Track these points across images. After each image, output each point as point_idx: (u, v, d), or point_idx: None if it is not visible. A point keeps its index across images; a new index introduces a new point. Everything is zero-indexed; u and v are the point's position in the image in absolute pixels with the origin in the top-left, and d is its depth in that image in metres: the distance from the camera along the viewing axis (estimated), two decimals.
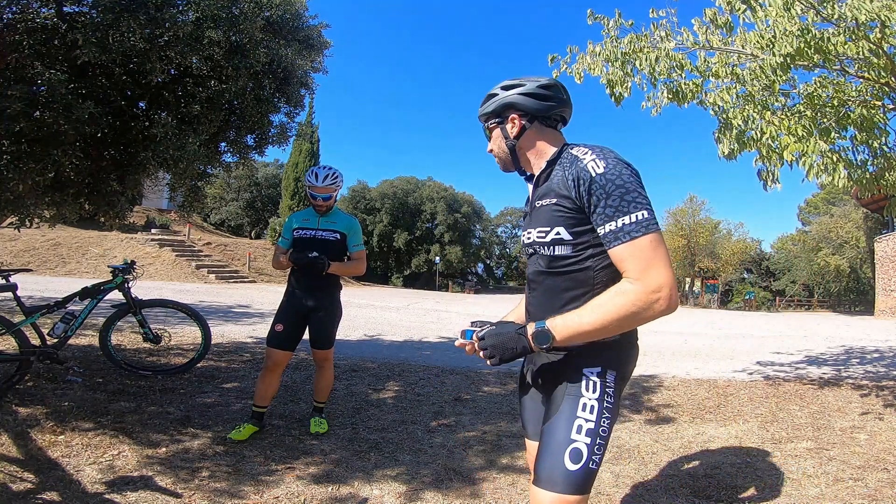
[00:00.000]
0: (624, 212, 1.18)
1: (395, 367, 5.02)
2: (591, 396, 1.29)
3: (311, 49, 4.24)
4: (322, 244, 3.08)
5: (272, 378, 3.03)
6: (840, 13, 3.20)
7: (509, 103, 1.43)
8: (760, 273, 42.06)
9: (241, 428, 2.94)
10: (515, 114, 1.42)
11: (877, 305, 19.60)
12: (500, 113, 1.44)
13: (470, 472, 2.66)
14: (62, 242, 17.68)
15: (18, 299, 3.50)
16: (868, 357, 7.04)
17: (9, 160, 2.94)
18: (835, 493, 2.52)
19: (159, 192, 13.99)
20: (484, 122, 1.50)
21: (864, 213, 27.15)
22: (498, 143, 1.47)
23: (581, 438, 1.24)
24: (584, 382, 1.30)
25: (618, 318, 1.17)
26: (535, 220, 1.38)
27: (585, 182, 1.22)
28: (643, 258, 1.16)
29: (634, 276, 1.16)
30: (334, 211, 3.20)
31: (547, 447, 1.27)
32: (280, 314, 3.05)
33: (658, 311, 1.16)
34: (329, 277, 3.09)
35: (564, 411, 1.29)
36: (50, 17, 3.12)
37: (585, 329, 1.19)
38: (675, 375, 5.27)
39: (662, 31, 3.84)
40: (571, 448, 1.23)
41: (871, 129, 3.60)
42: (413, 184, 37.34)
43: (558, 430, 1.27)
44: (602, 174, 1.21)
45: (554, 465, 1.24)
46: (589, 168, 1.22)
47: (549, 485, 1.23)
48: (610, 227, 1.19)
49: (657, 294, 1.15)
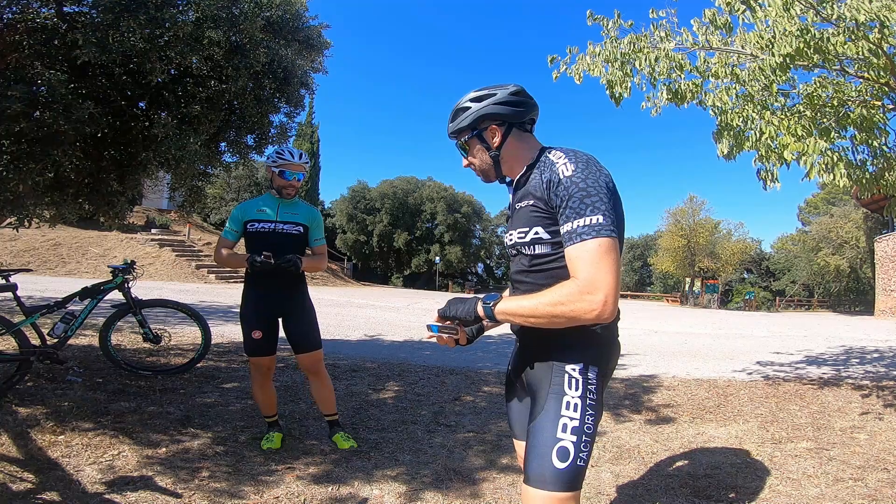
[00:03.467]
0: (580, 214, 1.21)
1: (395, 367, 5.02)
2: (573, 394, 1.31)
3: (312, 49, 4.24)
4: (283, 239, 2.73)
5: (267, 385, 2.87)
6: (839, 13, 3.20)
7: (486, 114, 1.43)
8: (760, 273, 42.06)
9: (270, 437, 2.84)
10: (493, 123, 1.44)
11: (877, 305, 19.60)
12: (476, 125, 1.44)
13: (470, 472, 2.66)
14: (62, 242, 17.68)
15: (18, 299, 3.50)
16: (868, 357, 7.04)
17: (9, 160, 2.94)
18: (835, 493, 2.52)
19: (159, 192, 14.00)
20: (457, 137, 1.50)
21: (864, 213, 27.13)
22: (479, 156, 1.48)
23: (567, 437, 1.26)
24: (567, 380, 1.33)
25: (551, 308, 1.20)
26: (515, 221, 1.42)
27: (555, 184, 1.27)
28: (588, 260, 1.18)
29: (577, 276, 1.20)
30: (295, 200, 2.84)
31: (534, 447, 1.29)
32: (251, 320, 2.72)
33: (590, 312, 1.17)
34: (297, 276, 2.80)
35: (549, 410, 1.31)
36: (50, 17, 3.12)
37: (520, 311, 1.26)
38: (675, 375, 5.27)
39: (662, 31, 3.84)
40: (558, 447, 1.26)
41: (870, 129, 3.60)
42: (413, 184, 37.33)
43: (544, 430, 1.29)
44: (569, 177, 1.26)
45: (542, 464, 1.25)
46: (559, 171, 1.28)
47: (539, 483, 1.25)
48: (567, 227, 1.24)
49: (592, 296, 1.16)
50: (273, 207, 2.76)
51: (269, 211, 2.75)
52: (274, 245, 2.70)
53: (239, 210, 2.81)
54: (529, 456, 1.30)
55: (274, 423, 2.95)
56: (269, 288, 2.74)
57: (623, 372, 5.31)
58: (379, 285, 29.64)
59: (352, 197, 36.17)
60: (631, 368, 5.55)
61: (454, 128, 1.48)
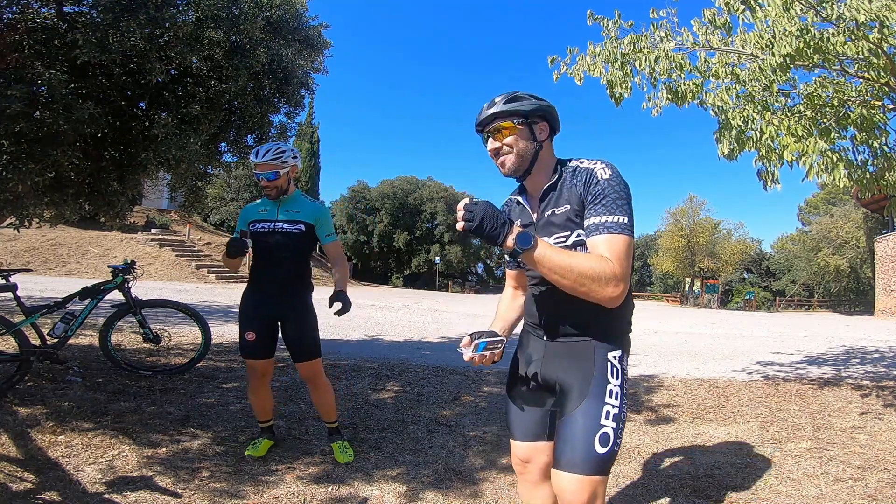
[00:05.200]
0: (612, 212, 1.35)
1: (395, 367, 5.02)
2: (615, 383, 1.42)
3: (311, 49, 4.24)
4: (284, 238, 2.63)
5: (262, 389, 2.74)
6: (839, 13, 3.20)
7: (545, 111, 1.51)
8: (760, 273, 42.05)
9: (256, 443, 2.74)
10: (544, 123, 1.53)
11: (877, 305, 19.60)
12: (529, 115, 1.49)
13: (470, 472, 2.66)
14: (62, 242, 17.67)
15: (18, 299, 3.50)
16: (868, 357, 7.04)
17: (9, 160, 2.94)
18: (835, 493, 2.52)
19: (159, 192, 13.99)
20: (506, 118, 1.48)
21: (864, 213, 27.13)
22: (523, 143, 1.49)
23: (609, 423, 1.36)
24: (609, 368, 1.43)
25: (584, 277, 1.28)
26: (550, 226, 1.48)
27: (593, 184, 1.40)
28: (619, 253, 1.32)
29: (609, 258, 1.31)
30: (296, 197, 2.71)
31: (575, 434, 1.36)
32: (245, 321, 2.64)
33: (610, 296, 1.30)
34: (298, 279, 2.71)
35: (594, 397, 1.39)
36: (50, 17, 3.13)
37: (555, 260, 1.29)
38: (675, 375, 5.27)
39: (662, 31, 3.84)
40: (601, 433, 1.34)
41: (871, 129, 3.59)
42: (413, 184, 37.32)
43: (588, 416, 1.37)
44: (607, 179, 1.39)
45: (584, 449, 1.33)
46: (598, 173, 1.41)
47: (579, 468, 1.33)
48: (596, 220, 1.36)
49: (618, 285, 1.30)
50: (273, 207, 2.68)
51: (269, 210, 2.67)
52: (275, 244, 2.63)
53: (243, 212, 2.75)
54: (569, 443, 1.36)
55: (267, 428, 2.83)
56: (268, 289, 2.66)
57: None
58: (379, 285, 29.64)
59: (352, 197, 36.16)
60: (631, 368, 5.54)
61: (510, 108, 1.48)
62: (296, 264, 2.71)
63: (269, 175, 2.56)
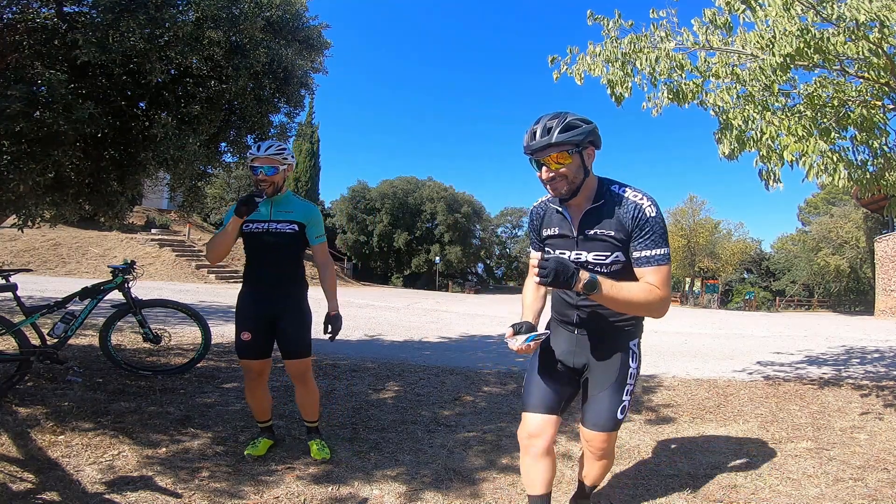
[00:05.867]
0: (659, 245, 1.65)
1: (395, 367, 5.02)
2: (634, 366, 1.85)
3: (312, 49, 4.24)
4: (278, 238, 2.61)
5: (259, 390, 2.72)
6: (840, 13, 3.19)
7: (594, 136, 1.67)
8: (760, 273, 42.02)
9: (256, 443, 2.74)
10: (592, 148, 1.70)
11: (877, 305, 19.60)
12: (580, 143, 1.64)
13: (470, 472, 2.66)
14: (62, 242, 17.67)
15: (18, 299, 3.50)
16: (868, 357, 7.04)
17: (9, 160, 2.94)
18: (835, 493, 2.52)
19: (159, 192, 13.99)
20: (563, 147, 1.62)
21: (864, 213, 27.13)
22: (575, 170, 1.66)
23: (627, 398, 1.83)
24: (631, 354, 1.84)
25: (641, 302, 1.62)
26: (589, 244, 1.74)
27: (642, 220, 1.66)
28: (664, 279, 1.65)
29: (658, 286, 1.63)
30: (288, 197, 2.70)
31: (605, 405, 1.81)
32: (241, 320, 2.64)
33: (661, 312, 1.67)
34: (293, 278, 2.71)
35: (619, 379, 1.82)
36: (50, 17, 3.13)
37: (622, 297, 1.59)
38: (675, 375, 5.27)
39: (662, 31, 3.84)
40: (622, 405, 1.82)
41: (871, 129, 3.59)
42: (413, 184, 37.30)
43: (615, 393, 1.81)
44: (653, 217, 1.66)
45: (609, 416, 1.81)
46: (646, 211, 1.66)
47: (604, 428, 1.83)
48: (646, 253, 1.65)
49: (665, 309, 1.67)
50: (266, 206, 2.64)
51: (262, 210, 2.63)
52: (269, 244, 2.61)
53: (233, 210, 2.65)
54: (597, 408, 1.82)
55: (267, 428, 2.83)
56: (263, 288, 2.65)
57: None
58: (379, 285, 29.63)
59: (352, 197, 36.14)
60: None
61: (566, 138, 1.61)
62: (290, 263, 2.70)
63: (270, 170, 2.55)
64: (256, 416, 2.83)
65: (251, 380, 2.69)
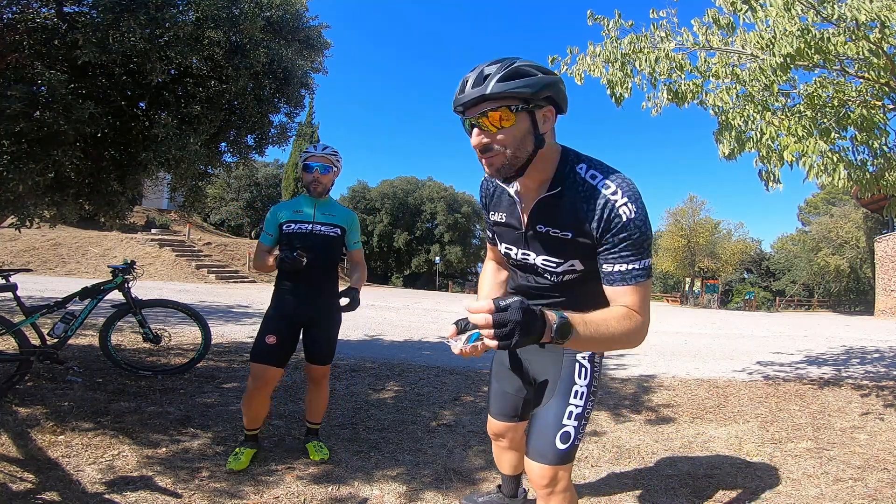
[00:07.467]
0: (638, 258, 1.22)
1: (395, 367, 5.02)
2: (582, 384, 1.46)
3: (312, 49, 4.24)
4: (322, 241, 2.60)
5: (262, 398, 2.54)
6: (840, 13, 3.20)
7: (553, 89, 1.16)
8: (760, 273, 42.04)
9: (238, 455, 2.55)
10: (549, 107, 1.18)
11: (877, 305, 19.61)
12: (530, 98, 1.13)
13: (470, 472, 2.66)
14: (62, 242, 17.68)
15: (18, 299, 3.50)
16: (868, 357, 7.04)
17: (9, 160, 2.94)
18: (835, 493, 2.52)
19: (159, 192, 14.00)
20: (503, 102, 1.12)
21: (864, 213, 27.15)
22: (519, 136, 1.15)
23: (570, 423, 1.42)
24: (577, 369, 1.47)
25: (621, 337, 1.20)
26: (539, 244, 1.34)
27: (615, 224, 1.20)
28: (643, 299, 1.25)
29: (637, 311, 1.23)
30: (331, 201, 2.69)
31: (540, 428, 1.45)
32: (270, 324, 2.54)
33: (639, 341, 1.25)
34: (331, 282, 2.69)
35: (558, 398, 1.45)
36: (50, 17, 3.13)
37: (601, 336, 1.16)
38: (675, 375, 5.27)
39: (662, 31, 3.84)
40: (562, 432, 1.41)
41: (871, 130, 3.59)
42: (413, 184, 37.33)
43: (551, 415, 1.44)
44: (632, 220, 1.20)
45: (546, 444, 1.42)
46: (621, 212, 1.20)
47: (542, 458, 1.42)
48: (620, 267, 1.23)
49: (646, 328, 1.25)
50: (310, 206, 2.62)
51: (306, 211, 2.60)
52: (312, 247, 2.57)
53: (273, 212, 2.64)
54: (534, 434, 1.45)
55: (253, 437, 2.65)
56: (301, 291, 2.59)
57: (623, 372, 5.31)
58: (379, 285, 29.62)
59: (352, 197, 36.17)
60: (631, 368, 5.55)
61: (507, 89, 1.11)
62: (330, 267, 2.70)
63: (324, 168, 2.58)
64: (248, 424, 2.63)
65: (258, 387, 2.50)
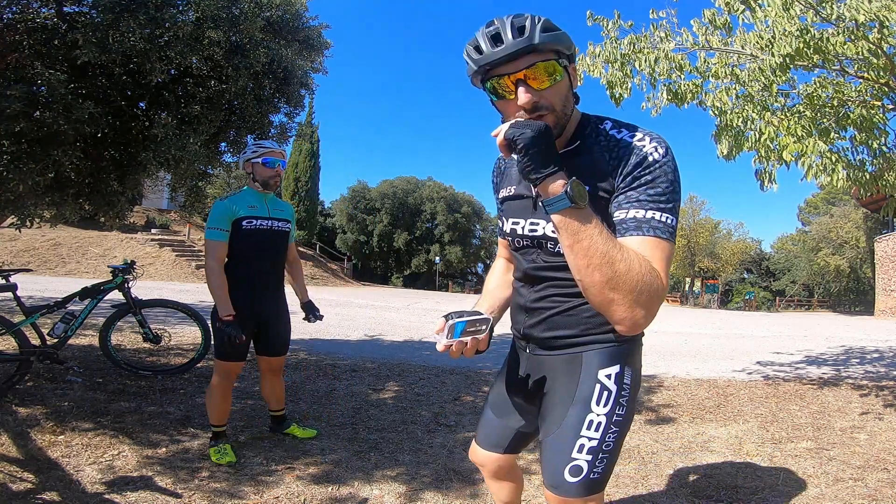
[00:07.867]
0: (662, 207, 1.01)
1: (395, 367, 5.02)
2: (600, 412, 1.16)
3: (312, 49, 4.25)
4: (280, 237, 2.58)
5: (229, 391, 2.66)
6: (839, 13, 3.20)
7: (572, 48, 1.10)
8: (760, 273, 42.05)
9: (224, 450, 2.60)
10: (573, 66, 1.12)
11: (877, 305, 19.62)
12: (570, 54, 1.09)
13: (470, 472, 2.66)
14: (62, 242, 17.68)
15: (18, 299, 3.50)
16: (868, 357, 7.04)
17: (9, 160, 2.95)
18: (835, 493, 2.52)
19: (159, 192, 14.00)
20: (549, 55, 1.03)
21: (864, 213, 27.16)
22: (564, 92, 1.08)
23: (582, 457, 1.15)
24: (598, 392, 1.16)
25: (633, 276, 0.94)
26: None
27: (638, 162, 1.03)
28: (664, 259, 1.00)
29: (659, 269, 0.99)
30: (275, 196, 2.68)
31: (548, 459, 1.21)
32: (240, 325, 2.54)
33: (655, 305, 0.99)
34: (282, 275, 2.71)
35: (571, 424, 1.17)
36: (50, 17, 3.13)
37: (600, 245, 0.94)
38: (675, 375, 5.27)
39: (662, 31, 3.85)
40: (571, 465, 1.16)
41: (870, 130, 3.60)
42: (413, 184, 37.33)
43: (560, 447, 1.18)
44: (660, 160, 1.03)
45: (555, 474, 1.18)
46: (646, 152, 1.04)
47: (555, 488, 1.19)
48: (640, 213, 1.01)
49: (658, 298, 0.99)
50: (261, 203, 2.57)
51: (260, 206, 2.55)
52: (269, 242, 2.56)
53: (226, 206, 2.50)
54: (545, 464, 1.22)
55: (223, 433, 2.69)
56: (261, 288, 2.62)
57: None
58: (379, 285, 29.63)
59: (352, 197, 36.17)
60: None
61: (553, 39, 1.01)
62: (282, 262, 2.76)
63: (282, 162, 2.58)
64: (217, 420, 2.66)
65: (228, 383, 2.63)
